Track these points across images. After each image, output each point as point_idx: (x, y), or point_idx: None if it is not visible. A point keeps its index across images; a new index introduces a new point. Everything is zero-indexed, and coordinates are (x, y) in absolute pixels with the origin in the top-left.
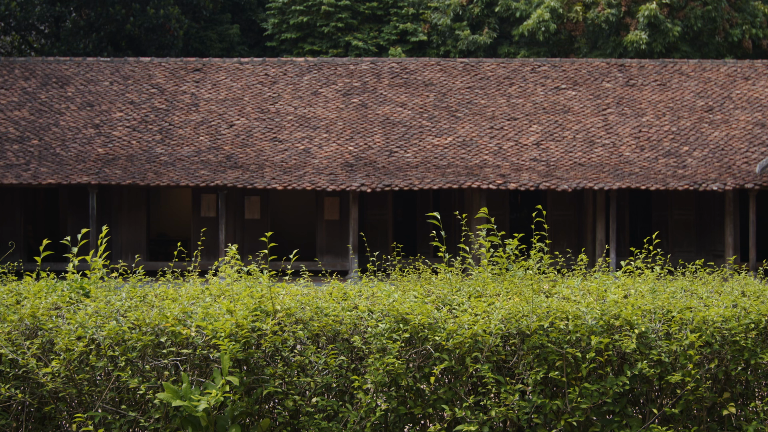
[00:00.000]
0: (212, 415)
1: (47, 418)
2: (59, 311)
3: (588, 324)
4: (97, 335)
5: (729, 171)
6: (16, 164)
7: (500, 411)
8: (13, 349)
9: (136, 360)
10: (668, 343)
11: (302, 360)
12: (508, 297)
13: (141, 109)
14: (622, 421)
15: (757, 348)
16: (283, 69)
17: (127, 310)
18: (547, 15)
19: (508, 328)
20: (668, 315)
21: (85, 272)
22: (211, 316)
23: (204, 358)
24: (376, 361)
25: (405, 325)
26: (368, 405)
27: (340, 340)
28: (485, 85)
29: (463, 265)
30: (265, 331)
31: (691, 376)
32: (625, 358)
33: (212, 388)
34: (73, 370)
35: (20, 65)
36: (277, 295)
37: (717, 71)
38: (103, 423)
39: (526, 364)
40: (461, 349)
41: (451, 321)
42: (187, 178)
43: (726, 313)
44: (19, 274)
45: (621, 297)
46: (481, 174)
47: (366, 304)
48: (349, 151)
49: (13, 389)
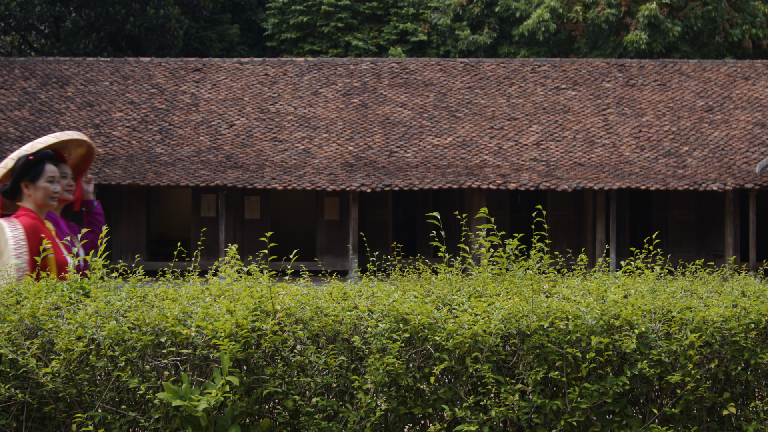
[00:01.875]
0: (212, 415)
1: (47, 418)
2: (59, 311)
3: (588, 324)
4: (97, 335)
5: (729, 171)
6: None
7: (500, 411)
8: (13, 349)
9: (136, 360)
10: (668, 343)
11: (302, 360)
12: (508, 297)
13: (141, 109)
14: (622, 421)
15: (757, 348)
16: (283, 69)
17: (127, 310)
18: (547, 15)
19: (508, 328)
20: (668, 315)
21: (85, 272)
22: (211, 316)
23: (204, 358)
24: (376, 361)
25: (405, 325)
26: (368, 405)
27: (340, 340)
28: (485, 85)
29: (463, 265)
30: (265, 331)
31: (691, 376)
32: (625, 358)
33: (212, 388)
34: (73, 370)
35: (20, 65)
36: (277, 295)
37: (717, 71)
38: (103, 423)
39: (526, 364)
40: (461, 349)
41: (451, 321)
42: (187, 178)
43: (726, 313)
44: None
45: (621, 297)
46: (481, 174)
47: (366, 304)
48: (349, 151)
49: (13, 389)
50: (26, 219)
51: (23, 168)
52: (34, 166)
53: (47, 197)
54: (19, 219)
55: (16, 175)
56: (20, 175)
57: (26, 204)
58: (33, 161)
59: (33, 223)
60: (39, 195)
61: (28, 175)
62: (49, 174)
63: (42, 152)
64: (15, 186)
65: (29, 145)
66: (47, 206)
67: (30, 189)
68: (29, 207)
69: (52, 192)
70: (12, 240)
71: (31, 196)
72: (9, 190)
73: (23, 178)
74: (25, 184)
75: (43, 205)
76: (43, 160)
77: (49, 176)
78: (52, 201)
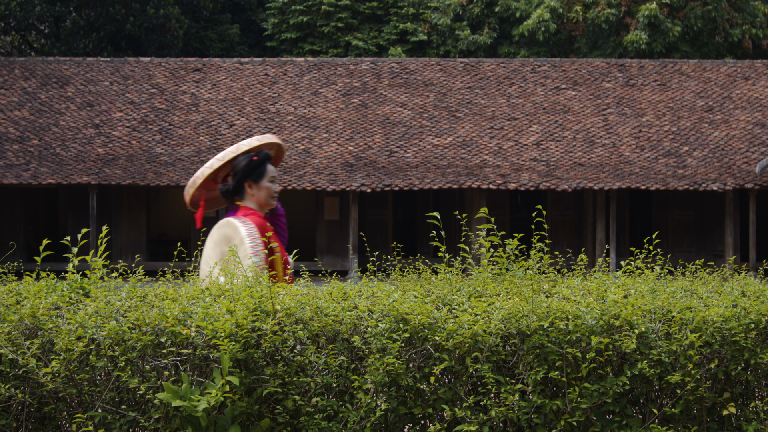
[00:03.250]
0: (212, 415)
1: (47, 418)
2: (59, 311)
3: (588, 324)
4: (97, 335)
5: (729, 171)
6: (16, 164)
7: (500, 411)
8: (13, 349)
9: (136, 360)
10: (668, 343)
11: (302, 360)
12: (508, 297)
13: (141, 109)
14: (622, 421)
15: (757, 348)
16: (283, 69)
17: (127, 310)
18: (547, 15)
19: (508, 328)
20: (668, 315)
21: (85, 272)
22: (211, 316)
23: (204, 358)
24: (376, 361)
25: (405, 325)
26: (368, 405)
27: (340, 340)
28: (485, 85)
29: (463, 265)
30: (265, 331)
31: (691, 376)
32: (625, 358)
33: (212, 388)
34: (73, 370)
35: (20, 65)
36: (277, 295)
37: (717, 71)
38: (103, 423)
39: (526, 364)
40: (461, 349)
41: (451, 321)
42: (187, 178)
43: (726, 313)
44: (19, 274)
45: (621, 297)
46: (481, 174)
47: (366, 304)
48: (349, 151)
49: (13, 389)
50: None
51: (247, 168)
52: (257, 166)
53: (269, 197)
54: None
55: (240, 174)
56: (245, 174)
57: (248, 203)
58: (257, 161)
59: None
60: (262, 194)
61: (252, 175)
62: (271, 174)
63: (264, 153)
64: (238, 185)
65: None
66: (268, 205)
67: (253, 188)
68: (251, 206)
69: (273, 192)
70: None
71: (254, 196)
72: (231, 190)
73: (247, 178)
74: (248, 183)
75: (265, 205)
76: (265, 161)
77: (271, 176)
78: (272, 200)
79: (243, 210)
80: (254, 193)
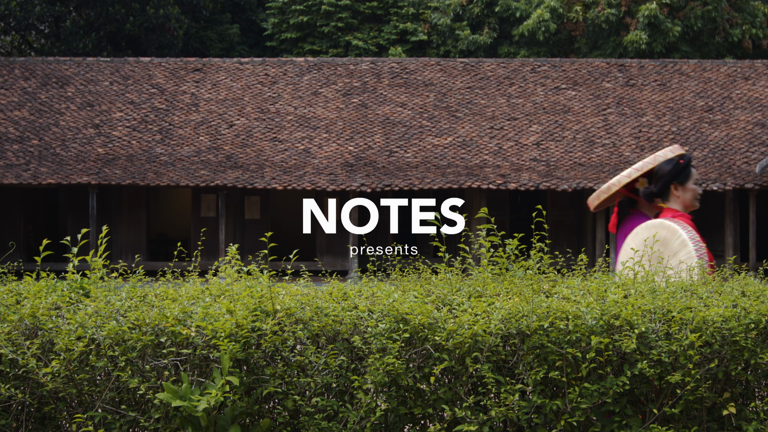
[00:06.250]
0: (212, 415)
1: (47, 418)
2: (59, 311)
3: (588, 324)
4: (97, 335)
5: (729, 171)
6: (16, 164)
7: (500, 411)
8: (13, 349)
9: (136, 360)
10: (668, 343)
11: (302, 360)
12: (508, 297)
13: (141, 109)
14: (622, 421)
15: (757, 348)
16: (283, 69)
17: (127, 310)
18: (547, 15)
19: (508, 328)
20: (668, 315)
21: (85, 272)
22: (211, 316)
23: (204, 358)
24: (376, 361)
25: (405, 325)
26: (368, 405)
27: (340, 340)
28: (485, 85)
29: (463, 265)
30: (265, 331)
31: (691, 376)
32: (625, 358)
33: (212, 388)
34: (73, 370)
35: (20, 65)
36: (277, 295)
37: (717, 71)
38: (103, 423)
39: (526, 364)
40: (461, 349)
41: (451, 321)
42: (187, 178)
43: (726, 313)
44: (19, 274)
45: (621, 297)
46: (481, 174)
47: (366, 304)
48: (349, 151)
49: (13, 389)
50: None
51: (674, 170)
52: (683, 169)
53: (694, 198)
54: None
55: (667, 177)
56: (671, 177)
57: (673, 205)
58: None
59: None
60: (688, 197)
61: (679, 177)
62: (695, 177)
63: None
64: (664, 188)
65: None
66: (692, 207)
67: (679, 190)
68: (676, 208)
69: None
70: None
71: (680, 198)
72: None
73: (674, 180)
74: (674, 185)
75: (689, 206)
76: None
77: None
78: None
79: (669, 212)
80: (680, 194)
